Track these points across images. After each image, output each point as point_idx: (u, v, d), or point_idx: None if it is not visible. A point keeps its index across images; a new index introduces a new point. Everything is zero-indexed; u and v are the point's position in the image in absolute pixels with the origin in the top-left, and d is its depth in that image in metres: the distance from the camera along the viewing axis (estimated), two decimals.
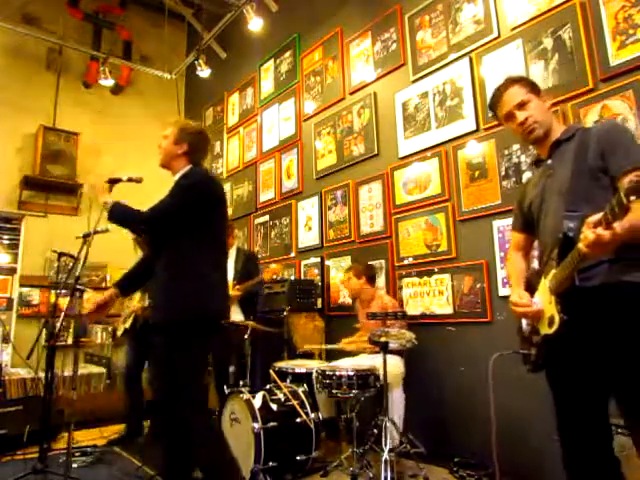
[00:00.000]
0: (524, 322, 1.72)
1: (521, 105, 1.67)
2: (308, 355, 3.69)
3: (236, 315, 3.82)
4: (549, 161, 1.67)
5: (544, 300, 1.55)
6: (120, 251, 5.41)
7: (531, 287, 1.67)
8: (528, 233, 1.80)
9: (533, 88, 1.71)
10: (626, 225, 1.17)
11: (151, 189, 6.27)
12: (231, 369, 3.81)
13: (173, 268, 2.10)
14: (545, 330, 1.53)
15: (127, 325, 3.80)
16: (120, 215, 2.15)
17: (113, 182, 2.34)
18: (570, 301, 1.44)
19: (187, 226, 2.10)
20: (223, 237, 2.29)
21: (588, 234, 1.22)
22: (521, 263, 1.83)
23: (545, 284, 1.54)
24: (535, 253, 1.84)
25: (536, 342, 1.61)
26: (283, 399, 2.85)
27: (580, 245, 1.27)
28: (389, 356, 2.78)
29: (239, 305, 3.80)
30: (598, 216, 1.20)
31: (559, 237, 1.44)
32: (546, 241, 1.62)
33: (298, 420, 2.77)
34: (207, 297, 2.09)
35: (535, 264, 1.85)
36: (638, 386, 1.38)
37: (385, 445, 2.56)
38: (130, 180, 2.44)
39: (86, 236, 2.44)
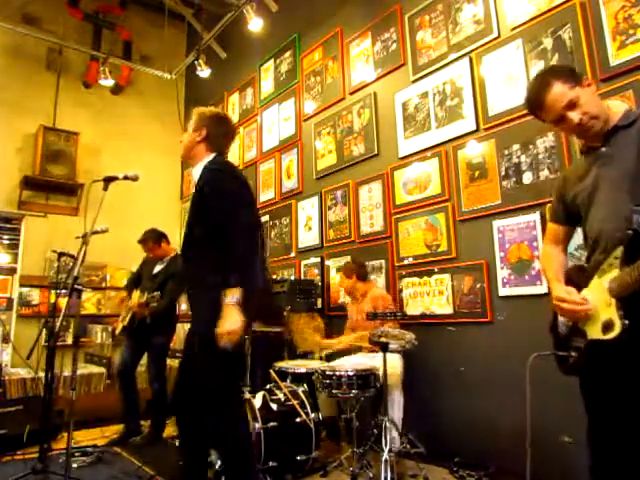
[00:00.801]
0: (561, 322, 1.58)
1: (571, 105, 1.48)
2: (308, 355, 3.69)
3: None
4: (603, 148, 1.49)
5: (599, 301, 1.40)
6: (120, 251, 5.43)
7: (572, 284, 1.53)
8: (568, 225, 1.66)
9: (576, 77, 1.51)
10: None
11: (149, 188, 6.29)
12: None
13: (212, 279, 1.90)
14: (596, 334, 1.39)
15: (125, 323, 3.81)
16: (244, 278, 1.88)
17: (109, 180, 2.34)
18: (634, 305, 1.29)
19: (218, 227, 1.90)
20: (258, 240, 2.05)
21: None
22: (559, 256, 1.68)
23: (601, 284, 1.39)
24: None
25: (578, 345, 1.48)
26: (283, 399, 2.85)
27: None
28: (388, 355, 2.78)
29: None
30: None
31: (628, 233, 1.29)
32: (600, 236, 1.45)
33: (298, 420, 2.77)
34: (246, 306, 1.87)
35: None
36: None
37: (385, 445, 2.56)
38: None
39: (84, 236, 2.44)
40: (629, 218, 1.29)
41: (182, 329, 6.06)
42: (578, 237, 1.78)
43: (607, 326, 1.34)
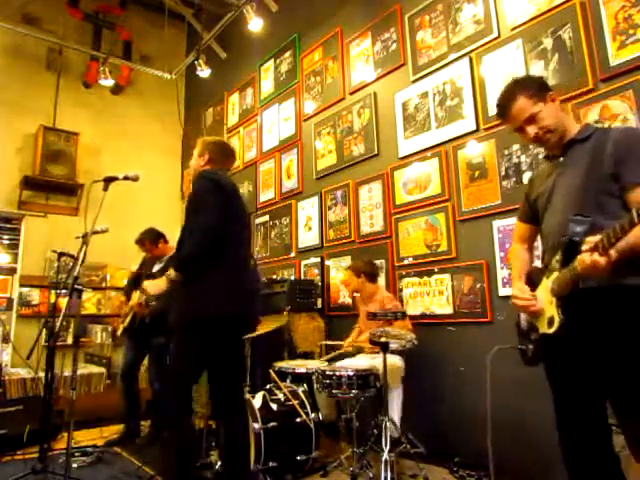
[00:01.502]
0: (522, 318, 1.74)
1: (530, 120, 1.61)
2: (308, 355, 3.69)
3: None
4: (561, 159, 1.63)
5: (545, 299, 1.56)
6: (120, 251, 5.43)
7: (532, 282, 1.67)
8: (533, 224, 1.79)
9: (540, 92, 1.63)
10: (623, 247, 1.22)
11: (149, 188, 6.29)
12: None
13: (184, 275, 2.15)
14: (544, 329, 1.55)
15: (125, 324, 3.81)
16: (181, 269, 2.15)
17: (109, 180, 2.34)
18: (570, 303, 1.46)
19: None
20: (238, 235, 2.25)
21: (585, 257, 1.27)
22: (524, 255, 1.83)
23: (547, 284, 1.55)
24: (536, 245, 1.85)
25: (534, 339, 1.64)
26: (283, 399, 2.85)
27: (576, 264, 1.34)
28: (389, 355, 2.78)
29: None
30: (596, 238, 1.24)
31: (564, 241, 1.43)
32: (549, 239, 1.62)
33: (298, 420, 2.77)
34: (203, 299, 2.10)
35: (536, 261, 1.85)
36: (629, 386, 1.41)
37: (385, 445, 2.56)
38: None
39: (84, 236, 2.44)
40: (566, 226, 1.44)
41: None
42: None
43: (550, 322, 1.51)
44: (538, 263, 1.80)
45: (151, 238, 3.89)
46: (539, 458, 2.66)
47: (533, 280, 1.67)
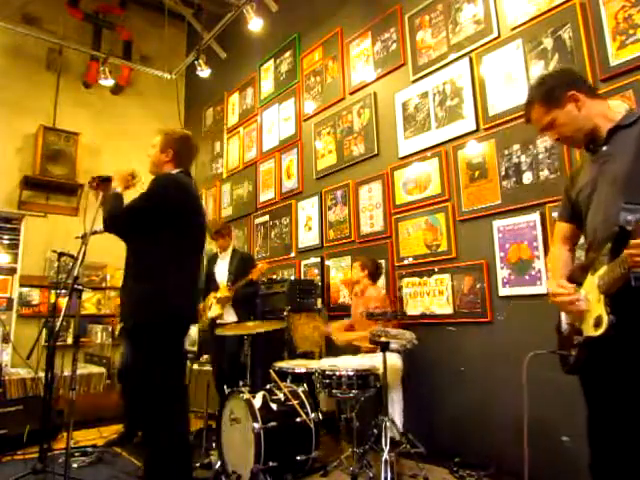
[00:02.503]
0: (564, 321, 1.58)
1: (547, 128, 1.58)
2: (308, 355, 3.69)
3: (229, 316, 3.82)
4: (604, 147, 1.51)
5: (591, 298, 1.41)
6: (120, 251, 5.42)
7: (575, 283, 1.52)
8: (576, 224, 1.65)
9: (555, 96, 1.55)
10: None
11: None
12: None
13: (136, 272, 2.18)
14: (589, 331, 1.40)
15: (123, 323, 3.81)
16: (112, 199, 2.23)
17: (104, 181, 2.33)
18: (622, 302, 1.29)
19: (150, 230, 2.16)
20: (192, 241, 2.31)
21: (634, 244, 1.15)
22: (565, 256, 1.68)
23: (593, 281, 1.40)
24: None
25: (577, 343, 1.48)
26: (283, 399, 2.85)
27: (626, 253, 1.19)
28: (389, 355, 2.78)
29: (233, 306, 3.79)
30: None
31: (614, 230, 1.30)
32: (596, 233, 1.48)
33: (298, 420, 2.77)
34: (165, 299, 2.13)
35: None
36: None
37: (385, 445, 2.56)
38: (107, 179, 2.43)
39: (83, 237, 2.44)
40: (617, 215, 1.31)
41: None
42: None
43: (597, 323, 1.35)
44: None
45: None
46: (550, 463, 2.66)
47: (576, 280, 1.52)
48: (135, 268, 2.20)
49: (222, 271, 3.96)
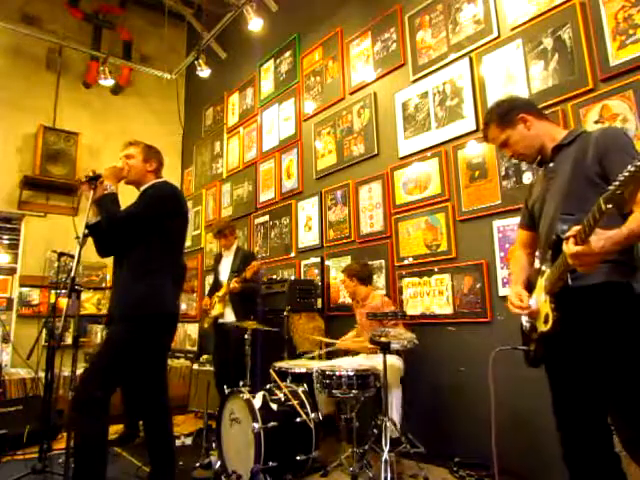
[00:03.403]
0: (524, 319, 1.75)
1: (502, 146, 1.79)
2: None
3: (229, 316, 3.82)
4: (551, 164, 1.71)
5: (540, 299, 1.59)
6: None
7: (531, 285, 1.71)
8: (533, 231, 1.83)
9: (508, 118, 1.74)
10: (619, 236, 1.26)
11: None
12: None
13: (135, 271, 2.25)
14: (541, 327, 1.58)
15: None
16: (110, 203, 2.25)
17: (94, 179, 2.31)
18: (563, 300, 1.49)
19: (148, 233, 2.25)
20: (180, 245, 2.48)
21: (564, 248, 1.31)
22: (523, 261, 1.87)
23: (541, 283, 1.59)
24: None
25: (535, 339, 1.66)
26: (283, 399, 2.85)
27: (563, 258, 1.36)
28: (388, 355, 2.78)
29: (232, 305, 3.79)
30: (574, 229, 1.28)
31: (552, 239, 1.48)
32: (543, 242, 1.68)
33: (298, 420, 2.77)
34: (159, 297, 2.23)
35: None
36: (622, 385, 1.43)
37: (385, 445, 2.56)
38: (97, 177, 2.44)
39: (79, 237, 2.44)
40: (555, 225, 1.49)
41: (182, 328, 6.08)
42: None
43: (546, 319, 1.53)
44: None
45: None
46: (540, 457, 2.66)
47: (533, 283, 1.70)
48: (128, 268, 2.27)
49: (225, 270, 3.97)
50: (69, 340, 4.98)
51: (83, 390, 2.08)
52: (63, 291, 3.47)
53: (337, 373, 2.75)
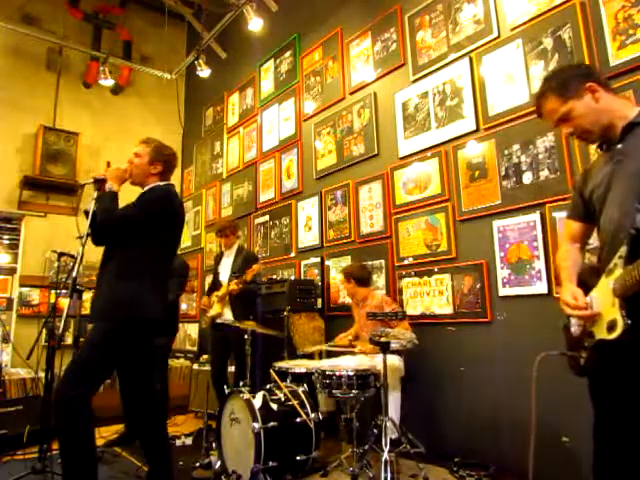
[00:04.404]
0: (573, 322, 1.56)
1: (562, 120, 1.52)
2: (308, 355, 3.69)
3: (227, 316, 3.81)
4: (619, 145, 1.46)
5: (604, 301, 1.39)
6: None
7: (584, 284, 1.51)
8: (587, 222, 1.62)
9: (572, 86, 1.50)
10: None
11: None
12: (231, 369, 3.82)
13: (121, 271, 2.23)
14: (602, 334, 1.37)
15: None
16: (108, 200, 2.24)
17: (99, 181, 2.32)
18: (637, 306, 1.28)
19: (140, 236, 2.23)
20: (172, 249, 2.46)
21: None
22: (576, 255, 1.64)
23: (607, 284, 1.37)
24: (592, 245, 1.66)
25: (588, 345, 1.46)
26: (283, 399, 2.85)
27: None
28: (388, 355, 2.78)
29: (231, 306, 3.78)
30: None
31: (631, 233, 1.28)
32: (610, 235, 1.43)
33: (298, 420, 2.77)
34: (138, 301, 2.21)
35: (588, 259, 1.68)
36: None
37: (385, 445, 2.56)
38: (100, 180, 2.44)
39: (81, 237, 2.44)
40: (633, 217, 1.28)
41: (182, 328, 6.07)
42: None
43: (611, 326, 1.33)
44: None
45: None
46: (549, 461, 2.67)
47: (585, 281, 1.51)
48: (114, 267, 2.25)
49: (225, 270, 3.96)
50: (69, 340, 4.99)
51: (64, 386, 2.09)
52: (63, 291, 3.47)
53: (337, 373, 2.75)
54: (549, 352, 1.56)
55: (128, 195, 2.36)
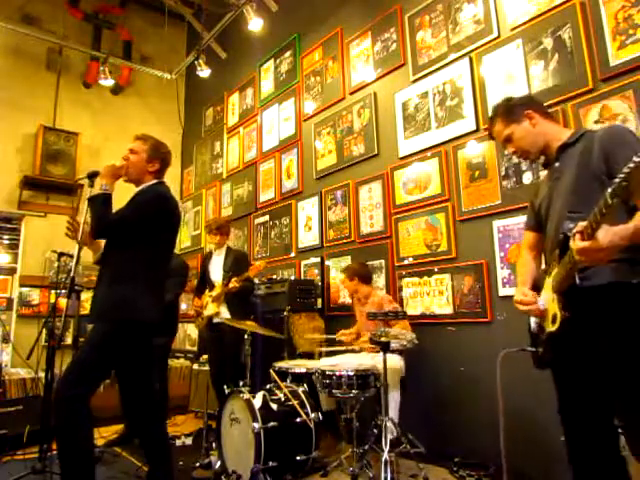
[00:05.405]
0: (532, 321, 1.73)
1: (506, 141, 1.77)
2: (308, 355, 3.69)
3: (224, 315, 3.81)
4: (556, 164, 1.69)
5: (548, 298, 1.57)
6: None
7: (538, 287, 1.69)
8: (539, 232, 1.80)
9: (514, 113, 1.74)
10: (623, 231, 1.23)
11: None
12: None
13: (116, 274, 2.23)
14: (549, 327, 1.55)
15: None
16: (100, 205, 2.21)
17: (93, 176, 2.32)
18: (571, 299, 1.46)
19: (135, 239, 2.22)
20: (168, 250, 2.41)
21: (572, 245, 1.29)
22: (530, 263, 1.84)
23: (549, 283, 1.56)
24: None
25: (542, 339, 1.64)
26: (283, 399, 2.85)
27: (570, 255, 1.34)
28: (389, 355, 2.78)
29: (228, 305, 3.78)
30: (581, 225, 1.26)
31: (560, 237, 1.46)
32: (550, 241, 1.65)
33: (298, 420, 2.77)
34: (134, 304, 2.19)
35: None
36: (631, 386, 1.41)
37: (385, 445, 2.56)
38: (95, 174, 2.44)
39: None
40: (563, 223, 1.46)
41: (181, 328, 6.07)
42: None
43: (553, 319, 1.51)
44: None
45: None
46: (543, 458, 2.66)
47: (540, 285, 1.68)
48: (112, 269, 2.25)
49: (216, 269, 3.95)
50: (69, 340, 4.99)
51: (63, 386, 2.10)
52: (63, 291, 3.46)
53: (337, 373, 2.75)
54: (509, 349, 1.78)
55: (124, 193, 2.36)
